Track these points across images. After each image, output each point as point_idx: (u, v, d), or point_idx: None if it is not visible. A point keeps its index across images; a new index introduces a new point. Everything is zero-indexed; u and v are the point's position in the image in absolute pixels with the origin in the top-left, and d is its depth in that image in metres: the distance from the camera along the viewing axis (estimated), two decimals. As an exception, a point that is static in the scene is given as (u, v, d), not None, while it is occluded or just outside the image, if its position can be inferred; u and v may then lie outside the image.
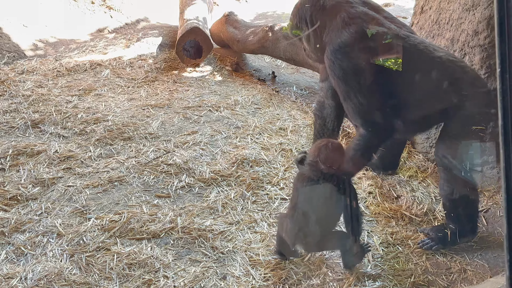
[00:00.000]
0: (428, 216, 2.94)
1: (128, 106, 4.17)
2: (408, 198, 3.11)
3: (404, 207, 3.02)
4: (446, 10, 3.23)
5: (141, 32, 5.99)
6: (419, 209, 3.01)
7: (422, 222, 2.90)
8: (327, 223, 2.49)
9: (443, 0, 3.28)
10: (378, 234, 2.79)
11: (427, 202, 3.07)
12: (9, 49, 5.12)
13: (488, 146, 2.84)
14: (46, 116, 3.91)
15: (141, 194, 3.04)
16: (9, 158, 3.36)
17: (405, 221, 2.92)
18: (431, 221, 2.90)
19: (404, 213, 2.96)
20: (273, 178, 3.23)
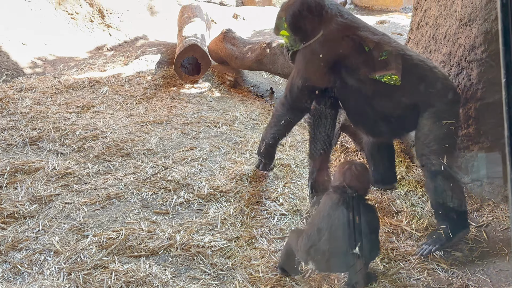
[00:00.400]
0: (428, 231, 2.92)
1: (127, 122, 4.16)
2: (408, 213, 3.09)
3: (404, 222, 3.00)
4: (442, 25, 3.25)
5: (140, 49, 6.02)
6: (420, 223, 2.99)
7: (422, 237, 2.87)
8: (342, 245, 2.42)
9: (439, 16, 3.30)
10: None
11: (427, 216, 3.05)
12: (8, 66, 5.13)
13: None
14: (44, 133, 3.90)
15: (140, 211, 3.02)
16: (6, 175, 3.34)
17: (405, 236, 2.90)
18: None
19: (404, 228, 2.94)
20: (272, 194, 3.22)
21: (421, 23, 3.56)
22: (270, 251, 2.70)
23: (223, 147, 3.76)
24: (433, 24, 3.36)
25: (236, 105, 4.58)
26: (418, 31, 3.60)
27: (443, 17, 3.25)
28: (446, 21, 3.20)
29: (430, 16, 3.42)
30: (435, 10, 3.35)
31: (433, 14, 3.38)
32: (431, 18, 3.41)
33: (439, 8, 3.29)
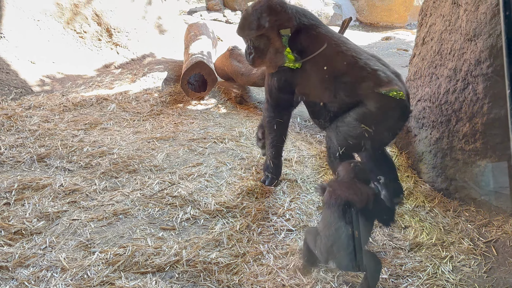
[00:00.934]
0: (437, 246, 2.90)
1: (134, 139, 4.18)
2: (417, 228, 3.07)
3: (412, 237, 2.97)
4: (447, 40, 3.26)
5: (147, 67, 6.08)
6: (428, 239, 2.96)
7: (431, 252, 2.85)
8: (358, 242, 2.45)
9: (444, 31, 3.32)
10: (387, 266, 2.74)
11: (435, 232, 3.03)
12: (17, 85, 5.20)
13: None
14: (52, 150, 3.92)
15: (146, 227, 3.02)
16: (14, 192, 3.35)
17: (414, 251, 2.87)
18: (439, 250, 2.85)
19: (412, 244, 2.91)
20: (278, 209, 3.21)
21: (426, 39, 3.58)
22: (277, 267, 2.68)
23: (229, 163, 3.77)
24: (438, 40, 3.38)
25: (242, 121, 4.60)
26: (423, 47, 3.61)
27: (448, 32, 3.26)
28: (451, 36, 3.21)
29: (435, 32, 3.44)
30: (440, 26, 3.37)
31: (438, 30, 3.39)
32: (436, 34, 3.42)
33: (444, 23, 3.31)
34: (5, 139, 4.09)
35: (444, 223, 3.13)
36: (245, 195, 3.33)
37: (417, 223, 3.13)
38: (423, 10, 3.71)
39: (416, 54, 3.74)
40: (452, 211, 3.24)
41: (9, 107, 4.73)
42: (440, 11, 3.38)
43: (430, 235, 3.01)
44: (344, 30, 4.45)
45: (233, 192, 3.37)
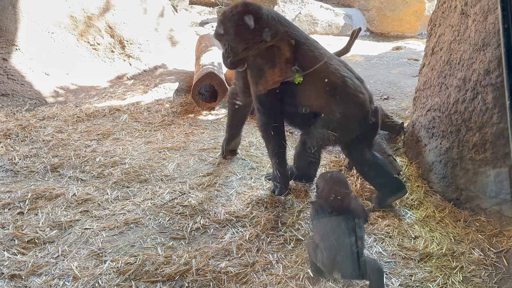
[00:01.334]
0: (447, 257, 2.88)
1: (145, 149, 4.24)
2: (427, 238, 3.06)
3: (422, 247, 2.96)
4: (456, 50, 3.27)
5: (159, 78, 6.15)
6: (438, 249, 2.95)
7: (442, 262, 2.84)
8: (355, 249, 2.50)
9: (453, 41, 3.32)
10: (396, 276, 2.73)
11: (446, 242, 3.01)
12: (31, 96, 5.29)
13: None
14: (65, 160, 3.99)
15: (157, 236, 3.05)
16: (28, 201, 3.41)
17: (424, 262, 2.86)
18: (450, 261, 2.84)
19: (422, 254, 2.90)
20: (288, 219, 3.22)
21: (436, 49, 3.59)
22: (286, 277, 2.69)
23: (239, 172, 3.79)
24: (447, 50, 3.38)
25: (253, 131, 4.63)
26: (432, 57, 3.62)
27: (457, 43, 3.27)
28: (460, 47, 3.22)
29: (444, 42, 3.45)
30: (449, 36, 3.38)
31: (447, 40, 3.40)
32: (445, 44, 3.43)
33: (453, 33, 3.32)
34: (20, 150, 4.17)
35: (454, 233, 3.11)
36: (255, 204, 3.35)
37: (427, 233, 3.12)
38: (432, 21, 3.73)
39: (425, 64, 3.75)
40: (463, 221, 3.22)
41: (23, 118, 4.82)
42: (449, 22, 3.40)
43: (440, 245, 2.99)
44: (354, 41, 4.48)
45: (243, 201, 3.39)
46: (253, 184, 3.63)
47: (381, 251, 2.93)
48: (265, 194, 3.46)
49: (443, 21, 3.51)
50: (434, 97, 3.50)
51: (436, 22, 3.64)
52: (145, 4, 6.88)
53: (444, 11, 3.50)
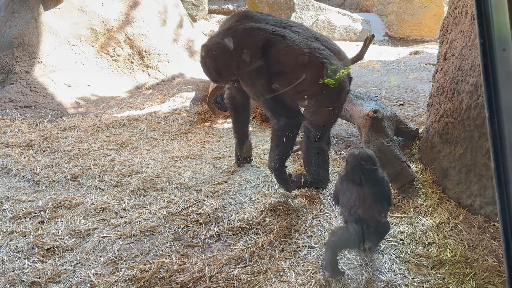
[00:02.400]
0: (460, 263, 2.87)
1: (162, 158, 4.32)
2: (440, 245, 3.05)
3: (436, 254, 2.95)
4: (468, 56, 3.26)
5: (176, 87, 6.26)
6: (452, 256, 2.94)
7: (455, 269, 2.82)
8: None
9: (464, 47, 3.32)
10: (409, 283, 2.73)
11: (459, 249, 3.00)
12: (53, 107, 5.46)
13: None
14: (85, 169, 4.10)
15: (171, 244, 3.11)
16: (48, 210, 3.52)
17: (437, 268, 2.85)
18: (463, 268, 2.83)
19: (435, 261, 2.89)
20: (301, 226, 3.25)
21: (448, 54, 3.58)
22: (298, 284, 2.71)
23: (253, 180, 3.84)
24: (459, 55, 3.38)
25: (267, 139, 4.68)
26: (445, 62, 3.61)
27: (468, 48, 3.26)
28: (471, 52, 3.21)
29: (456, 48, 3.44)
30: (461, 42, 3.37)
31: (458, 46, 3.40)
32: (457, 49, 3.42)
33: (464, 39, 3.31)
34: (41, 160, 4.30)
35: (468, 239, 3.09)
36: (268, 212, 3.39)
37: (441, 240, 3.11)
38: (444, 26, 3.72)
39: (438, 70, 3.75)
40: (477, 227, 3.20)
41: (45, 128, 4.97)
42: (460, 27, 3.39)
43: (454, 251, 2.98)
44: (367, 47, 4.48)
45: (256, 209, 3.43)
46: (267, 191, 3.67)
47: (394, 257, 2.93)
48: (278, 202, 3.50)
49: (454, 27, 3.50)
50: (447, 103, 3.49)
51: (447, 28, 3.63)
52: (164, 15, 7.01)
53: (455, 17, 3.50)
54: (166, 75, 6.64)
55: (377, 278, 2.75)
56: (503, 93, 1.14)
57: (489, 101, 1.15)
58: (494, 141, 1.13)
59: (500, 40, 1.16)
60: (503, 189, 1.13)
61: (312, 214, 3.38)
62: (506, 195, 1.14)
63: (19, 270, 2.85)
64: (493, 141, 1.14)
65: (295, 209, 3.43)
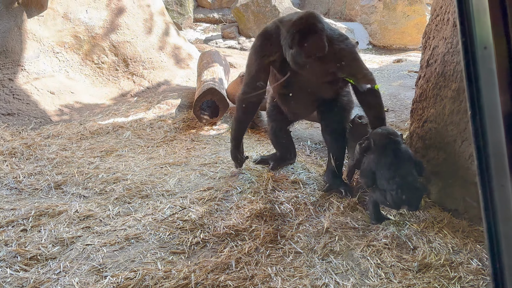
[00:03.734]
0: (445, 267, 2.89)
1: (147, 165, 4.30)
2: (425, 249, 3.07)
3: (421, 258, 2.97)
4: (450, 62, 3.31)
5: (162, 95, 6.24)
6: (436, 259, 2.96)
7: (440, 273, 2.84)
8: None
9: (447, 53, 3.37)
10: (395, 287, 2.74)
11: (444, 252, 3.02)
12: (36, 115, 5.40)
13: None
14: (68, 177, 4.05)
15: (157, 251, 3.08)
16: (31, 218, 3.47)
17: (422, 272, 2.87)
18: (448, 271, 2.85)
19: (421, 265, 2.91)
20: (287, 232, 3.25)
21: (430, 61, 3.63)
22: (285, 290, 2.71)
23: (239, 186, 3.83)
24: (441, 62, 3.42)
25: (253, 145, 4.68)
26: (427, 69, 3.66)
27: (450, 55, 3.31)
28: (453, 58, 3.26)
29: (438, 54, 3.49)
30: (443, 48, 3.42)
31: (441, 52, 3.45)
32: (439, 56, 3.47)
33: (446, 46, 3.36)
34: (24, 168, 4.24)
35: (453, 243, 3.12)
36: (254, 218, 3.38)
37: (426, 244, 3.13)
38: (426, 33, 3.78)
39: (421, 76, 3.79)
40: (461, 231, 3.23)
41: (28, 136, 4.91)
42: (442, 34, 3.44)
43: (438, 256, 3.00)
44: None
45: (242, 215, 3.42)
46: (253, 198, 3.67)
47: (379, 262, 2.94)
48: (264, 208, 3.49)
49: (436, 34, 3.55)
50: (430, 109, 3.54)
51: (430, 35, 3.69)
52: (149, 23, 7.01)
53: (437, 24, 3.55)
54: (152, 82, 6.62)
55: (363, 283, 2.76)
56: (485, 91, 1.16)
57: (471, 99, 1.17)
58: (477, 139, 1.15)
59: (481, 39, 1.18)
60: (486, 187, 1.15)
61: (299, 220, 3.38)
62: (489, 192, 1.15)
63: (1, 279, 2.80)
64: (475, 138, 1.16)
65: (281, 215, 3.43)
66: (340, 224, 3.34)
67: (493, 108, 1.14)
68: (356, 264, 2.94)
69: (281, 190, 3.77)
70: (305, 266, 2.90)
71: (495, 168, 1.15)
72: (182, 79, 6.78)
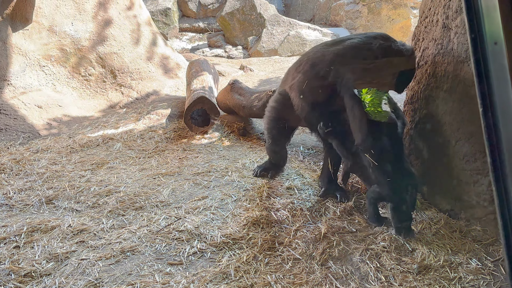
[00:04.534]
0: (445, 268, 2.88)
1: (139, 176, 4.24)
2: (424, 251, 3.05)
3: (420, 260, 2.96)
4: (441, 63, 3.32)
5: (151, 105, 6.20)
6: (436, 261, 2.95)
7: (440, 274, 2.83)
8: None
9: (437, 55, 3.38)
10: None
11: (443, 254, 3.01)
12: (24, 130, 5.32)
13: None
14: (60, 192, 3.99)
15: (154, 263, 3.03)
16: (23, 235, 3.40)
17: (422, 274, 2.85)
18: (448, 272, 2.84)
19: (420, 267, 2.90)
20: (284, 239, 3.22)
21: (421, 63, 3.64)
22: (285, 298, 2.67)
23: (234, 194, 3.80)
24: (432, 63, 3.44)
25: (246, 153, 4.65)
26: (418, 70, 3.67)
27: (440, 56, 3.32)
28: (444, 59, 3.28)
29: (429, 55, 3.51)
30: (433, 49, 3.44)
31: (431, 53, 3.46)
32: (430, 57, 3.49)
33: (436, 47, 3.38)
34: (14, 184, 4.17)
35: (451, 244, 3.11)
36: (251, 226, 3.35)
37: (424, 245, 3.12)
38: (415, 35, 3.80)
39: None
40: (459, 231, 3.23)
41: (17, 151, 4.83)
42: (432, 35, 3.46)
43: (437, 257, 2.99)
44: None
45: (239, 223, 3.39)
46: (249, 205, 3.64)
47: (378, 265, 2.92)
48: (261, 215, 3.46)
49: (426, 36, 3.57)
50: (423, 110, 3.54)
51: (419, 36, 3.70)
52: (136, 34, 6.97)
53: (426, 26, 3.57)
54: (140, 93, 6.57)
55: (364, 287, 2.74)
56: (496, 87, 1.15)
57: (482, 96, 1.15)
58: (490, 136, 1.13)
59: (491, 34, 1.16)
60: (500, 184, 1.13)
61: (296, 226, 3.35)
62: (504, 190, 1.13)
63: (-6, 298, 2.73)
64: (488, 136, 1.14)
65: (278, 222, 3.40)
66: (337, 228, 3.31)
67: (506, 104, 1.12)
68: (355, 269, 2.92)
69: (276, 196, 3.75)
70: (305, 273, 2.87)
71: (509, 164, 1.14)
72: (171, 89, 6.74)
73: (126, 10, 6.89)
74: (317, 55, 3.48)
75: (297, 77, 3.56)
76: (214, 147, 4.90)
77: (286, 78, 3.79)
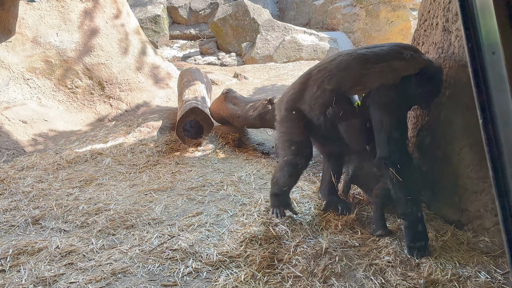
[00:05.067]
0: (453, 283, 2.74)
1: (130, 192, 4.08)
2: (430, 265, 2.92)
3: (427, 274, 2.82)
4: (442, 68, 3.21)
5: (141, 117, 6.04)
6: (443, 275, 2.81)
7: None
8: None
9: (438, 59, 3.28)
10: (403, 307, 2.58)
11: (450, 267, 2.88)
12: (9, 146, 5.14)
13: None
14: (46, 211, 3.81)
15: (146, 285, 2.86)
16: (9, 258, 3.22)
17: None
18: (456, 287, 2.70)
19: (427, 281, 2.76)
20: (284, 255, 3.06)
21: (421, 68, 3.53)
22: (288, 319, 2.52)
23: (230, 209, 3.65)
24: (432, 68, 3.32)
25: (242, 165, 4.51)
26: (418, 76, 3.56)
27: (441, 60, 3.22)
28: (446, 64, 3.17)
29: (428, 60, 3.39)
30: (434, 54, 3.33)
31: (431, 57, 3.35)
32: (429, 62, 3.37)
33: (437, 51, 3.27)
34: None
35: (458, 257, 2.98)
36: (248, 242, 3.19)
37: (431, 259, 2.98)
38: (415, 39, 3.69)
39: (411, 83, 3.69)
40: (466, 243, 3.09)
41: (1, 170, 4.65)
42: (432, 39, 3.35)
43: (445, 271, 2.85)
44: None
45: (236, 240, 3.23)
46: (246, 221, 3.48)
47: (383, 281, 2.78)
48: (259, 230, 3.31)
49: (426, 39, 3.46)
50: (425, 117, 3.43)
51: (419, 40, 3.60)
52: (124, 43, 6.82)
53: (426, 29, 3.46)
54: (130, 104, 6.41)
55: (371, 305, 2.59)
56: (495, 97, 1.09)
57: (481, 106, 1.09)
58: (491, 148, 1.07)
59: (488, 44, 1.11)
60: (503, 198, 1.05)
61: (295, 241, 3.20)
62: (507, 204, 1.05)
63: (-23, 329, 2.55)
64: (489, 148, 1.07)
65: (276, 237, 3.25)
66: (339, 243, 3.17)
67: (506, 114, 1.06)
68: (359, 285, 2.77)
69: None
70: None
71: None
72: (162, 100, 6.59)
73: (113, 18, 6.74)
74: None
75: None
76: (208, 159, 4.75)
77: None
